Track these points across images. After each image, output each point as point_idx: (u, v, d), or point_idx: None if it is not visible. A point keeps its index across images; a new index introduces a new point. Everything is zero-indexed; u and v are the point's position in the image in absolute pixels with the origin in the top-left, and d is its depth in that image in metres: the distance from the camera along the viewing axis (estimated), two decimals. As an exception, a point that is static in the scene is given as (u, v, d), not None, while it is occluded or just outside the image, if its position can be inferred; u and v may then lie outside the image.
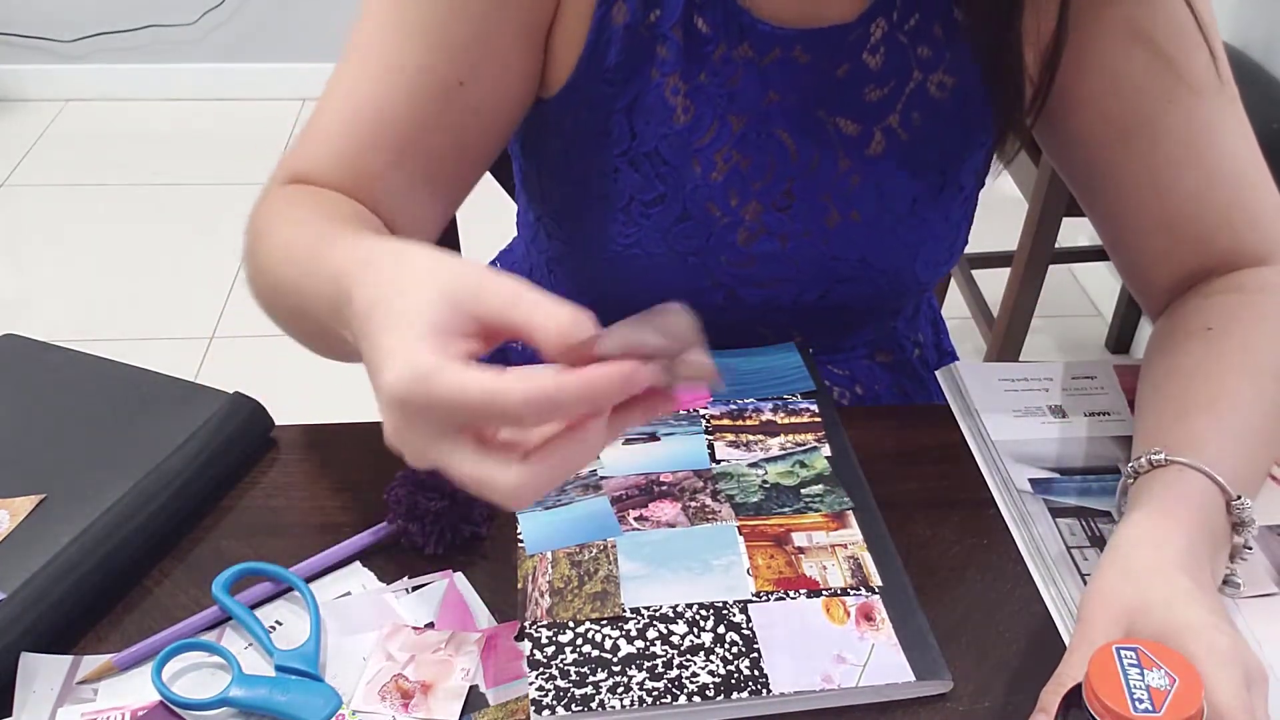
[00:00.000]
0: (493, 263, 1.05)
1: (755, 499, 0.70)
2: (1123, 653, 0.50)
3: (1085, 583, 0.66)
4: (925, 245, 0.82)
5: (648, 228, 0.79)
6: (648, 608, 0.63)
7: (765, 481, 0.72)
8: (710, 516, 0.69)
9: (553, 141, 0.80)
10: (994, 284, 2.03)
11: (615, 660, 0.60)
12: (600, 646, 0.61)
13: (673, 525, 0.68)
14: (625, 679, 0.59)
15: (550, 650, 0.60)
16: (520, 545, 0.67)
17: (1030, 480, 0.74)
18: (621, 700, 0.58)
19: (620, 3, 0.72)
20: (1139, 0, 0.72)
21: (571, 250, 0.83)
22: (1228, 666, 0.51)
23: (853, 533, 0.68)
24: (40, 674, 0.59)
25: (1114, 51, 0.74)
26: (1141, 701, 0.48)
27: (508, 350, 0.96)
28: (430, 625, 0.63)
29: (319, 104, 0.73)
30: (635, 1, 0.72)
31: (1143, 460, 0.64)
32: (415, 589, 0.65)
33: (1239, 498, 0.62)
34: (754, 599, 0.63)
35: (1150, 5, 0.73)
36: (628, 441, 0.74)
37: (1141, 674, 0.49)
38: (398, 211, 0.72)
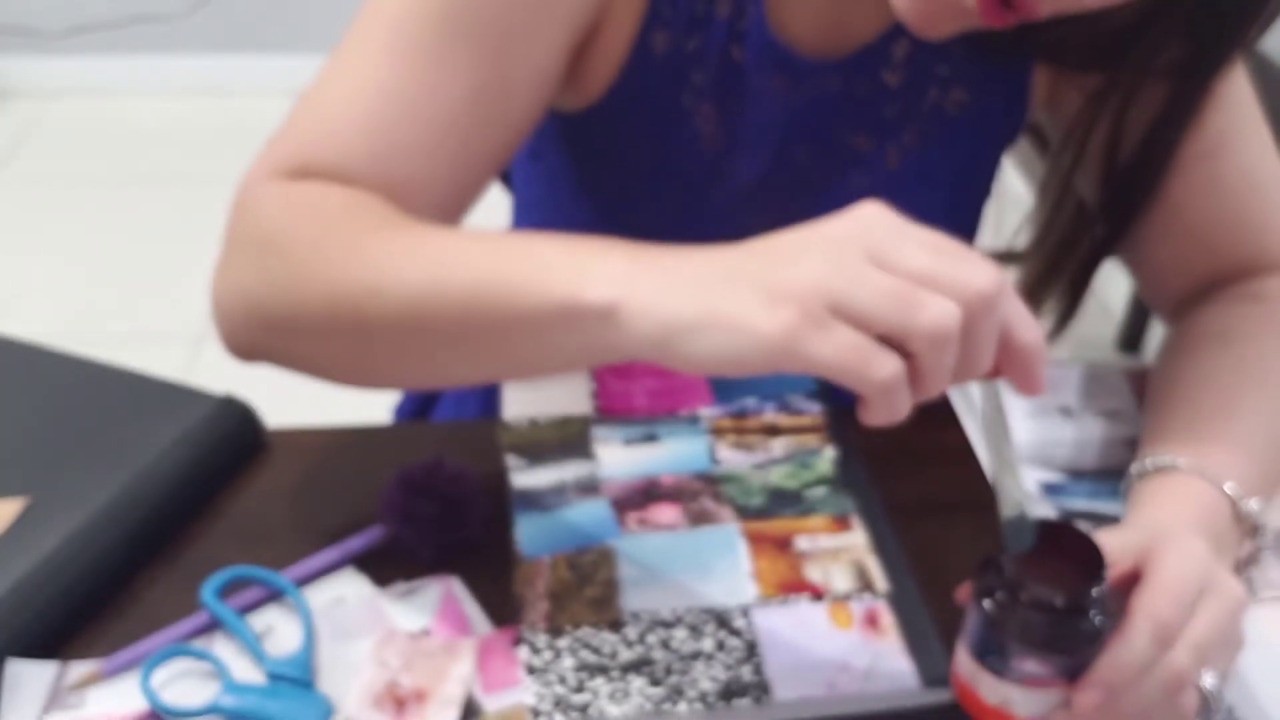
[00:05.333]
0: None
1: (757, 502, 0.69)
2: None
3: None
4: None
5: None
6: (648, 612, 0.62)
7: (767, 484, 0.70)
8: (711, 519, 0.68)
9: (575, 157, 0.78)
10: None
11: (614, 666, 0.59)
12: (599, 652, 0.60)
13: (673, 528, 0.67)
14: (624, 685, 0.58)
15: (548, 656, 0.59)
16: (517, 549, 0.66)
17: (1039, 483, 0.73)
18: (621, 707, 0.57)
19: (662, 31, 0.71)
20: None
21: None
22: (1188, 560, 0.52)
23: (857, 536, 0.67)
24: (26, 681, 0.58)
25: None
26: None
27: None
28: (426, 631, 0.62)
29: (324, 95, 0.65)
30: (678, 30, 0.71)
31: (1147, 464, 0.64)
32: (410, 594, 0.64)
33: (1244, 502, 0.61)
34: (756, 604, 0.62)
35: None
36: (628, 443, 0.73)
37: None
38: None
